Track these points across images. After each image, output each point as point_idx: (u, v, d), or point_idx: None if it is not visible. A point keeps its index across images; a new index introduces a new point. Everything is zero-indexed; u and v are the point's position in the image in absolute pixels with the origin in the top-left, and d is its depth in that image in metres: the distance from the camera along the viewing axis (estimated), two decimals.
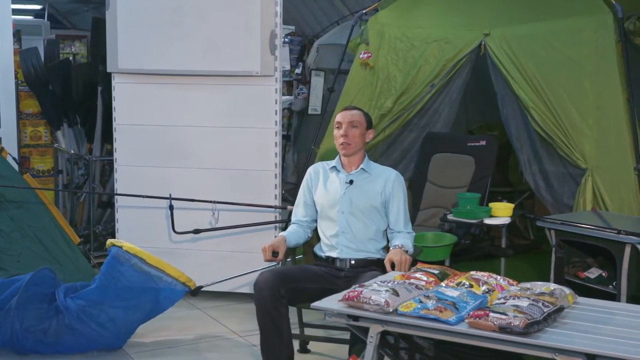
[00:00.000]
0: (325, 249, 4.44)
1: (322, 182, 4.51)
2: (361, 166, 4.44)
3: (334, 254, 4.39)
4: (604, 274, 4.71)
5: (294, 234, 4.51)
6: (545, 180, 5.54)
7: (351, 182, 4.40)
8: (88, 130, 7.88)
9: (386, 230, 4.45)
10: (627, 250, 4.33)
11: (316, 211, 4.53)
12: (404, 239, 4.30)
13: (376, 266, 4.27)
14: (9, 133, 7.00)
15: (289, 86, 10.89)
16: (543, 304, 3.02)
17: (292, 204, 4.79)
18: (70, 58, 9.40)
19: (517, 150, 5.74)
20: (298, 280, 4.16)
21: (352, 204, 4.38)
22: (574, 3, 5.55)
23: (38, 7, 13.24)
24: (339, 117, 4.46)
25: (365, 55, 6.25)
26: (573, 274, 4.81)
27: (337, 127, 4.43)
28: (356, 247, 4.36)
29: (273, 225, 5.92)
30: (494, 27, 5.72)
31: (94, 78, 7.52)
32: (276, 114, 5.88)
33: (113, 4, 5.94)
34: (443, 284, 3.41)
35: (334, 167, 4.50)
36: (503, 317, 2.87)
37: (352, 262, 4.34)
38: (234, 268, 5.80)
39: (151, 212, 6.00)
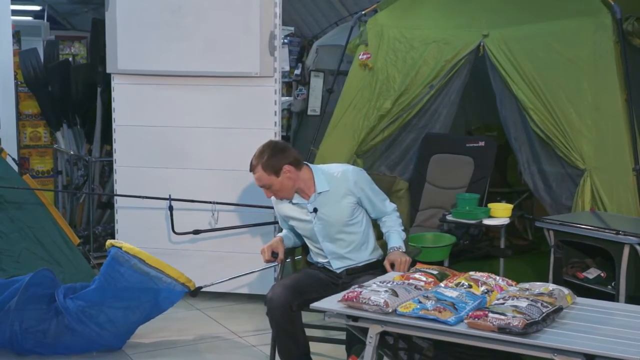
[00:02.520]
0: (320, 262, 4.39)
1: (290, 213, 4.33)
2: (317, 190, 4.21)
3: (329, 267, 4.35)
4: (602, 275, 4.72)
5: (291, 234, 4.48)
6: (544, 181, 5.55)
7: (315, 210, 4.23)
8: (87, 131, 7.88)
9: (369, 221, 4.35)
10: (626, 250, 4.35)
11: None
12: (396, 235, 4.25)
13: (374, 269, 4.24)
14: (9, 134, 7.02)
15: (288, 87, 10.91)
16: (542, 304, 3.03)
17: None
18: (70, 59, 9.40)
19: (516, 151, 5.76)
20: (307, 291, 4.09)
21: (328, 230, 4.24)
22: (572, 4, 5.56)
23: (37, 8, 13.25)
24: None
25: (365, 56, 6.26)
26: (572, 274, 4.81)
27: None
28: (350, 262, 4.29)
29: (272, 225, 5.92)
30: (493, 28, 5.73)
31: (94, 79, 7.52)
32: (275, 114, 5.88)
33: (112, 5, 5.94)
34: (442, 284, 3.41)
35: (291, 201, 4.27)
36: (502, 317, 2.88)
37: (349, 267, 4.30)
38: (234, 268, 5.82)
39: (151, 213, 6.00)
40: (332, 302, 3.30)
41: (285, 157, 4.14)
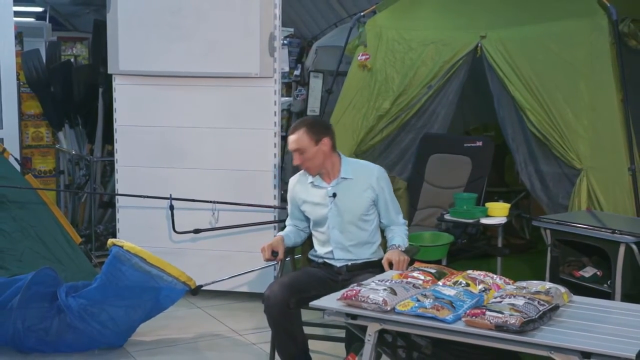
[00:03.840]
0: (321, 257, 4.44)
1: (307, 197, 4.40)
2: (340, 175, 4.32)
3: (330, 262, 4.39)
4: (598, 273, 4.74)
5: (292, 233, 4.52)
6: (541, 181, 5.58)
7: (334, 195, 4.30)
8: (89, 131, 7.89)
9: (378, 224, 4.42)
10: (622, 249, 4.36)
11: (306, 219, 4.49)
12: (399, 237, 4.31)
13: (373, 267, 4.27)
14: (11, 134, 7.01)
15: (287, 88, 10.91)
16: (539, 302, 3.05)
17: None
18: (72, 60, 9.40)
19: (513, 151, 5.79)
20: (305, 289, 4.13)
21: (341, 217, 4.30)
22: (569, 5, 5.59)
23: (40, 9, 13.26)
24: (288, 142, 4.31)
25: (363, 57, 6.29)
26: (568, 273, 4.83)
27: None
28: (352, 256, 4.35)
29: (272, 225, 5.96)
30: (491, 30, 5.76)
31: (95, 79, 7.54)
32: (275, 115, 5.91)
33: (114, 6, 5.98)
34: (440, 282, 3.43)
35: (313, 182, 4.37)
36: (499, 315, 2.90)
37: (349, 264, 4.35)
38: (234, 267, 5.85)
39: (152, 212, 6.04)
40: (331, 301, 3.32)
41: (328, 132, 4.30)
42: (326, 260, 4.40)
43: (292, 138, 4.26)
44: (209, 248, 6.05)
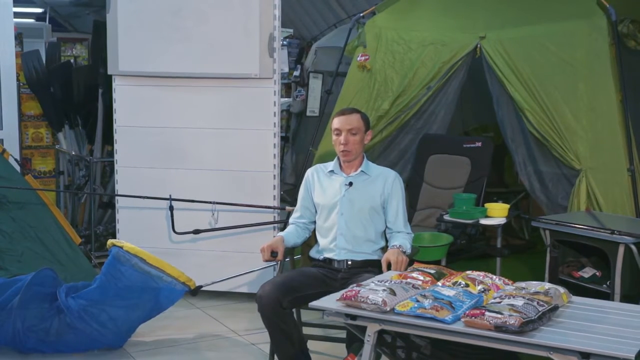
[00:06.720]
0: (322, 251, 4.46)
1: (321, 185, 4.50)
2: (360, 168, 4.43)
3: (331, 255, 4.41)
4: (597, 274, 4.75)
5: (292, 234, 4.53)
6: (540, 181, 5.59)
7: (351, 184, 4.40)
8: (89, 132, 7.92)
9: (384, 230, 4.47)
10: (621, 250, 4.37)
11: (315, 213, 4.54)
12: (402, 240, 4.31)
13: (373, 267, 4.29)
14: (11, 134, 7.01)
15: (287, 88, 10.92)
16: (538, 303, 3.06)
17: (291, 204, 4.80)
18: (72, 60, 9.42)
19: (512, 152, 5.79)
20: (298, 289, 4.16)
21: (352, 206, 4.38)
22: (568, 6, 5.59)
23: (39, 10, 13.26)
24: (337, 122, 4.39)
25: (363, 57, 6.29)
26: (567, 273, 4.84)
27: (337, 134, 4.39)
28: (353, 249, 4.37)
29: (272, 225, 5.97)
30: (490, 30, 5.77)
31: (95, 80, 7.56)
32: (275, 115, 5.93)
33: (113, 7, 5.99)
34: (439, 283, 3.44)
35: (332, 171, 4.49)
36: (498, 316, 2.90)
37: (349, 262, 4.36)
38: (233, 268, 5.87)
39: (151, 213, 6.05)
40: (330, 301, 3.33)
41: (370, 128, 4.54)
42: (327, 256, 4.42)
43: (347, 118, 4.40)
44: (209, 248, 6.06)
